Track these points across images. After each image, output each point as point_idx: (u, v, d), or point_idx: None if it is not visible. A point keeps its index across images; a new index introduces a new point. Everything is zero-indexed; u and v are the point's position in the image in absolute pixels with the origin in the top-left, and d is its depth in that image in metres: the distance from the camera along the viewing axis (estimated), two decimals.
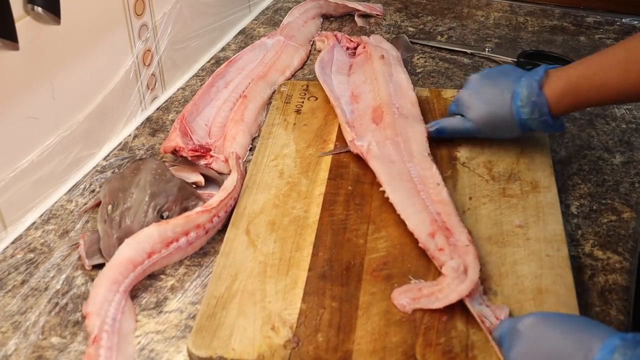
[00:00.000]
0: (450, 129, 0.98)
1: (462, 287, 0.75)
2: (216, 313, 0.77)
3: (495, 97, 0.93)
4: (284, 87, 1.15)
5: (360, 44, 1.22)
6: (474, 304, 0.75)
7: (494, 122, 0.94)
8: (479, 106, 0.95)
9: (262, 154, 1.00)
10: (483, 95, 0.95)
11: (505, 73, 0.96)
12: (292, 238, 0.86)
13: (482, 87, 0.96)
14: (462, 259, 0.79)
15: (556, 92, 0.88)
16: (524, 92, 0.90)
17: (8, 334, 0.78)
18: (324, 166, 0.97)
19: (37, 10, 0.84)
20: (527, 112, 0.91)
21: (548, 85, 0.89)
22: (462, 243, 0.81)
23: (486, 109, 0.94)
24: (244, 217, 0.89)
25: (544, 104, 0.89)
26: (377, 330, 0.75)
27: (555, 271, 0.80)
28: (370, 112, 1.02)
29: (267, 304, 0.78)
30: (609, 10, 1.40)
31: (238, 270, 0.82)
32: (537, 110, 0.90)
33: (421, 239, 0.82)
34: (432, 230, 0.82)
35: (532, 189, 0.92)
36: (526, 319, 0.68)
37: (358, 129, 1.00)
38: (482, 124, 0.95)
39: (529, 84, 0.90)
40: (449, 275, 0.77)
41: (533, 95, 0.89)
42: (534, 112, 0.90)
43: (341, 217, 0.89)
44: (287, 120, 1.07)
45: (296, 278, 0.81)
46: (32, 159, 0.91)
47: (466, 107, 0.96)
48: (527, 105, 0.90)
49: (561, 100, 0.89)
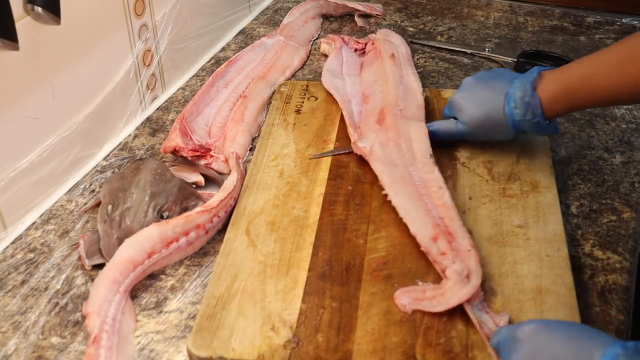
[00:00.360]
0: (444, 132, 0.98)
1: (464, 291, 0.75)
2: (216, 313, 0.77)
3: (488, 100, 0.93)
4: (283, 87, 1.15)
5: (368, 42, 1.22)
6: (473, 309, 0.75)
7: (487, 124, 0.94)
8: (472, 109, 0.95)
9: (262, 154, 1.00)
10: (476, 97, 0.95)
11: (498, 76, 0.96)
12: (292, 238, 0.86)
13: (475, 90, 0.96)
14: (465, 264, 0.78)
15: (550, 93, 0.88)
16: (517, 94, 0.90)
17: (8, 334, 0.78)
18: (324, 166, 0.97)
19: (37, 10, 0.84)
20: (520, 113, 0.90)
21: (541, 86, 0.89)
22: (465, 248, 0.81)
23: (479, 111, 0.94)
24: (244, 217, 0.89)
25: (537, 105, 0.89)
26: (377, 330, 0.75)
27: (555, 271, 0.80)
28: (377, 112, 1.02)
29: (267, 304, 0.78)
30: (609, 10, 1.40)
31: (238, 270, 0.82)
32: (531, 112, 0.89)
33: (423, 243, 0.82)
34: (434, 235, 0.82)
35: (532, 189, 0.92)
36: (526, 327, 0.68)
37: (363, 130, 1.00)
38: (475, 127, 0.95)
39: (522, 85, 0.90)
40: (452, 279, 0.77)
41: (527, 96, 0.89)
42: (527, 113, 0.90)
43: (341, 217, 0.89)
44: (287, 120, 1.07)
45: (296, 278, 0.81)
46: (32, 159, 0.91)
47: (458, 109, 0.96)
48: (520, 107, 0.90)
49: (555, 101, 0.88)
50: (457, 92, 0.98)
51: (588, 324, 0.78)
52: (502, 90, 0.92)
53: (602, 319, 0.79)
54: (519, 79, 0.91)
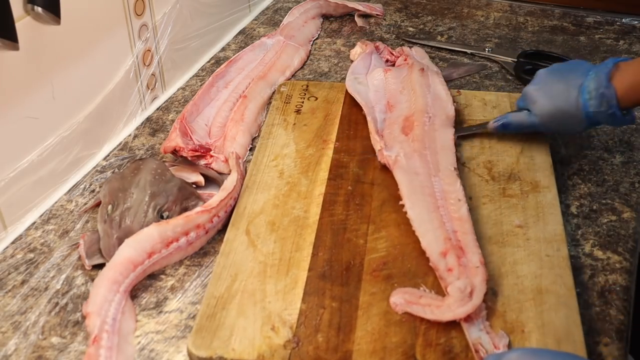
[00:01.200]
0: (516, 124, 0.97)
1: (461, 310, 0.74)
2: (216, 313, 0.77)
3: (562, 92, 0.92)
4: (283, 87, 1.15)
5: (401, 56, 1.19)
6: (473, 329, 0.73)
7: (560, 116, 0.93)
8: (545, 101, 0.93)
9: (262, 154, 1.00)
10: (549, 89, 0.94)
11: (573, 68, 0.95)
12: (292, 238, 0.86)
13: (548, 82, 0.95)
14: (470, 280, 0.77)
15: (627, 83, 0.87)
16: (591, 85, 0.89)
17: (8, 334, 0.78)
18: (324, 166, 0.97)
19: (37, 10, 0.84)
20: (595, 104, 0.89)
21: (617, 77, 0.88)
22: (473, 264, 0.79)
23: (552, 103, 0.93)
24: (244, 217, 0.89)
25: (613, 96, 0.88)
26: (377, 330, 0.75)
27: (555, 271, 0.80)
28: (402, 120, 1.00)
29: (267, 304, 0.78)
30: (609, 10, 1.40)
31: (238, 270, 0.82)
32: (606, 103, 0.88)
33: (432, 257, 0.80)
34: (444, 249, 0.81)
35: (532, 189, 0.92)
36: (512, 355, 0.65)
37: (387, 139, 0.98)
38: (548, 119, 0.94)
39: (596, 76, 0.89)
40: (453, 296, 0.75)
41: (601, 87, 0.88)
42: (601, 104, 0.89)
43: (341, 217, 0.89)
44: (287, 120, 1.07)
45: (296, 278, 0.81)
46: (32, 159, 0.91)
47: (532, 101, 0.95)
48: (594, 98, 0.89)
49: (630, 92, 0.87)
50: (531, 84, 0.97)
51: (588, 324, 0.78)
52: (576, 83, 0.91)
53: (602, 319, 0.79)
54: (593, 70, 0.90)
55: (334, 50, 1.30)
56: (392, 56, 1.20)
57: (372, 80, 1.12)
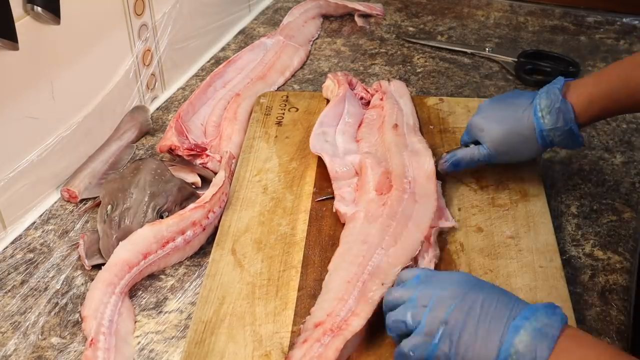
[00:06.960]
0: (466, 161, 0.91)
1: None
2: (205, 339, 0.74)
3: (511, 115, 0.88)
4: (263, 98, 1.10)
5: (377, 93, 1.08)
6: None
7: (512, 140, 0.88)
8: (494, 125, 0.89)
9: (245, 169, 0.96)
10: (496, 115, 0.90)
11: (517, 95, 0.92)
12: (279, 257, 0.83)
13: (495, 109, 0.91)
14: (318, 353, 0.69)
15: (582, 99, 0.85)
16: (543, 102, 0.86)
17: (8, 334, 0.78)
18: (309, 180, 0.94)
19: (37, 10, 0.84)
20: (550, 121, 0.86)
21: (572, 93, 0.86)
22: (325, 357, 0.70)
23: (502, 127, 0.88)
24: (229, 236, 0.86)
25: (570, 111, 0.85)
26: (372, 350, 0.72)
27: (549, 283, 0.79)
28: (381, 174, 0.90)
29: (258, 327, 0.75)
30: (610, 10, 1.40)
31: (225, 292, 0.79)
32: (562, 119, 0.85)
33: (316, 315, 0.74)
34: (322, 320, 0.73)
35: (521, 197, 0.91)
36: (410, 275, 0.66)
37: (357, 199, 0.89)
38: (499, 146, 0.89)
39: (548, 93, 0.87)
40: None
41: (556, 102, 0.85)
42: (558, 120, 0.85)
43: (329, 232, 0.87)
44: (269, 133, 1.03)
45: (286, 299, 0.78)
46: (32, 159, 0.91)
47: (479, 130, 0.90)
48: (549, 114, 0.85)
49: (589, 107, 0.85)
50: (475, 115, 0.92)
51: (588, 324, 0.78)
52: (526, 103, 0.88)
53: (602, 319, 0.79)
54: (544, 89, 0.88)
55: (334, 50, 1.30)
56: (367, 94, 1.09)
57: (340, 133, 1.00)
